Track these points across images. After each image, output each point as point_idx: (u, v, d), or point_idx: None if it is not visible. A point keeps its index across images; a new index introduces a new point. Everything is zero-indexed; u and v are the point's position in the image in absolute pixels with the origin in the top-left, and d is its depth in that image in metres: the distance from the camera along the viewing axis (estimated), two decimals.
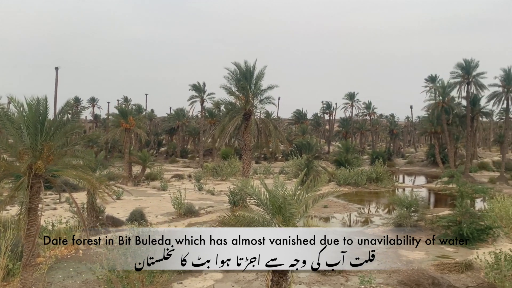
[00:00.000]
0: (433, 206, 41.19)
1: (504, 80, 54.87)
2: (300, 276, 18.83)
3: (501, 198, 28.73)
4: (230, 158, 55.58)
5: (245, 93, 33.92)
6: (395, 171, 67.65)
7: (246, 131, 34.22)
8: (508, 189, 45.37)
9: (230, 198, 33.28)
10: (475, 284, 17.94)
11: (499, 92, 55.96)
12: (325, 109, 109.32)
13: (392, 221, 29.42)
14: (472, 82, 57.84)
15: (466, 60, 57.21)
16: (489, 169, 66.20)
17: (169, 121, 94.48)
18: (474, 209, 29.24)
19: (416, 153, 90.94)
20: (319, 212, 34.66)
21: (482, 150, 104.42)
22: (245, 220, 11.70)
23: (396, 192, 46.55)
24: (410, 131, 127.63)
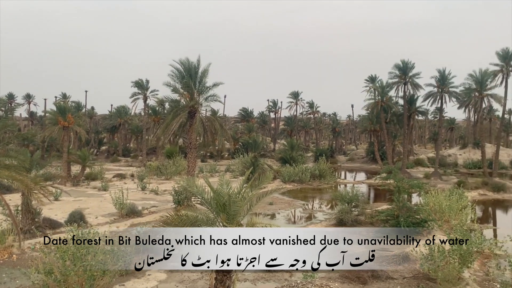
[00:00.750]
0: (372, 201, 42.85)
1: (439, 80, 58.05)
2: (246, 273, 18.89)
3: (435, 193, 30.34)
4: (174, 156, 54.70)
5: (189, 90, 33.49)
6: (337, 168, 69.69)
7: (191, 129, 33.80)
8: (441, 184, 48.06)
9: (175, 197, 32.77)
10: (412, 275, 18.83)
11: (434, 92, 59.13)
12: (271, 107, 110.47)
13: (334, 216, 30.29)
14: (409, 83, 60.76)
15: (403, 61, 60.01)
16: (425, 165, 69.91)
17: (111, 118, 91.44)
18: (410, 204, 30.70)
19: (357, 150, 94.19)
20: (265, 210, 34.97)
21: (418, 147, 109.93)
22: (188, 219, 11.52)
23: (338, 188, 47.94)
24: (351, 129, 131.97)
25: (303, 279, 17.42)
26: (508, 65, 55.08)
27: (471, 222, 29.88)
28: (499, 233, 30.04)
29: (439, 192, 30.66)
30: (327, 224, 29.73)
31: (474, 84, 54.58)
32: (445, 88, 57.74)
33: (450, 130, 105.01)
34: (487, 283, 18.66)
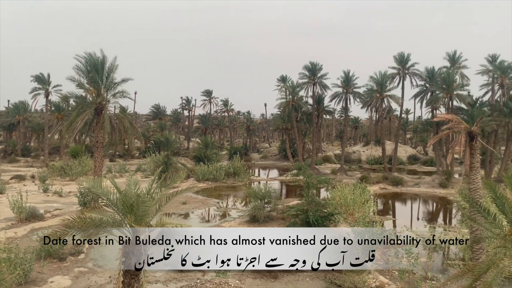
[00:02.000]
0: (284, 197, 44.09)
1: (344, 82, 61.43)
2: (157, 275, 18.39)
3: (341, 187, 32.02)
4: (80, 156, 51.66)
5: (96, 86, 31.78)
6: (251, 166, 70.75)
7: (98, 127, 32.11)
8: (347, 179, 50.87)
9: (80, 199, 30.95)
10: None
11: (340, 93, 62.45)
12: (184, 105, 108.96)
13: (248, 213, 30.65)
14: (317, 83, 63.52)
15: (312, 63, 62.55)
16: (332, 162, 73.57)
17: (7, 115, 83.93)
18: (319, 198, 32.06)
19: (270, 148, 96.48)
20: (178, 209, 34.38)
21: (326, 144, 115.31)
22: (93, 222, 10.88)
23: (252, 185, 48.65)
24: (265, 128, 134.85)
25: (216, 276, 17.37)
26: (404, 68, 59.85)
27: (373, 215, 32.01)
28: (397, 223, 32.52)
29: (345, 186, 32.39)
30: (240, 222, 29.99)
31: (375, 86, 58.52)
32: (350, 89, 61.30)
33: (354, 129, 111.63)
34: (387, 271, 20.08)
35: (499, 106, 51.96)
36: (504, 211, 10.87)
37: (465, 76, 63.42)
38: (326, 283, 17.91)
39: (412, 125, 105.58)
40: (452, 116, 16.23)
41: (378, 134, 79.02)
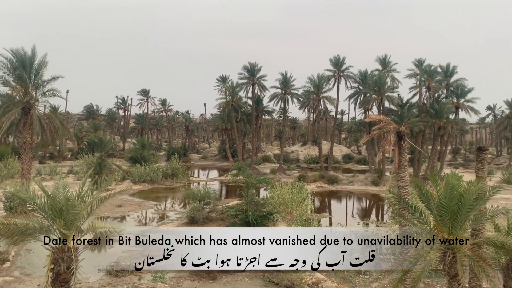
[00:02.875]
0: (224, 197, 44.03)
1: (282, 83, 62.47)
2: (90, 281, 17.64)
3: (279, 187, 32.52)
4: (6, 158, 48.41)
5: (23, 84, 29.89)
6: (190, 166, 69.97)
7: (26, 127, 30.23)
8: (285, 178, 51.77)
9: (6, 204, 29.00)
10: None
11: (278, 93, 63.42)
12: (120, 104, 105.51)
13: (186, 214, 30.27)
14: (256, 84, 64.10)
15: (251, 64, 63.03)
16: (271, 161, 74.58)
17: None
18: (258, 198, 32.32)
19: (209, 149, 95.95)
20: (113, 212, 33.24)
21: (266, 144, 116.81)
22: (18, 228, 10.20)
23: (191, 186, 48.13)
24: (204, 128, 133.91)
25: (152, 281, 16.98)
26: (339, 71, 61.95)
27: (310, 212, 32.83)
28: (333, 220, 33.58)
29: (283, 186, 32.94)
30: (178, 224, 29.54)
31: (312, 87, 60.08)
32: (288, 90, 62.46)
33: (293, 129, 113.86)
34: None
35: (426, 107, 55.22)
36: (430, 207, 11.53)
37: (395, 79, 66.77)
38: (264, 282, 18.08)
39: (347, 125, 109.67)
40: (382, 117, 17.00)
41: (315, 134, 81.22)
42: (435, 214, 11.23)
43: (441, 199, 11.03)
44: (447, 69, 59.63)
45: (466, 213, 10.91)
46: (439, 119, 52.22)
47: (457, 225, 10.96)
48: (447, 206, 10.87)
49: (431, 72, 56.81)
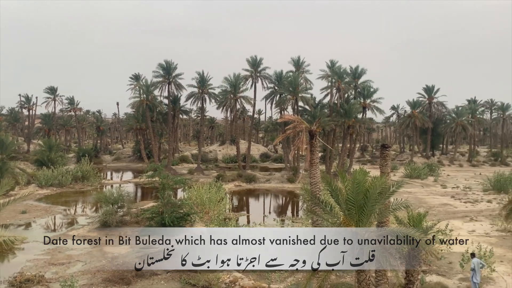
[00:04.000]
0: (140, 200, 42.69)
1: (199, 82, 62.00)
2: None
3: (197, 187, 32.21)
4: None
5: None
6: (102, 168, 66.87)
7: None
8: (203, 178, 51.48)
9: None
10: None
11: (195, 93, 62.83)
12: (23, 103, 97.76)
13: (98, 219, 28.88)
14: (173, 82, 62.95)
15: (167, 62, 61.71)
16: (189, 161, 73.71)
17: None
18: (175, 199, 31.77)
19: (123, 149, 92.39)
20: (16, 219, 30.75)
21: (183, 144, 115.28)
22: None
23: (103, 189, 45.96)
24: (118, 128, 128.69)
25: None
26: (256, 71, 62.93)
27: (228, 212, 32.98)
28: (251, 219, 34.00)
29: (201, 186, 32.69)
30: (90, 229, 28.07)
31: (230, 87, 60.38)
32: (205, 89, 62.17)
33: (211, 128, 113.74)
34: None
35: (337, 107, 58.06)
36: (339, 202, 12.11)
37: (309, 80, 69.36)
38: (181, 284, 17.80)
39: (264, 124, 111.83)
40: (294, 117, 17.53)
41: (233, 134, 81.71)
42: (343, 208, 11.80)
43: (349, 194, 11.62)
44: (355, 71, 63.17)
45: (371, 207, 11.60)
46: (348, 119, 55.21)
47: (363, 218, 11.62)
48: (354, 201, 11.49)
49: (341, 73, 59.80)
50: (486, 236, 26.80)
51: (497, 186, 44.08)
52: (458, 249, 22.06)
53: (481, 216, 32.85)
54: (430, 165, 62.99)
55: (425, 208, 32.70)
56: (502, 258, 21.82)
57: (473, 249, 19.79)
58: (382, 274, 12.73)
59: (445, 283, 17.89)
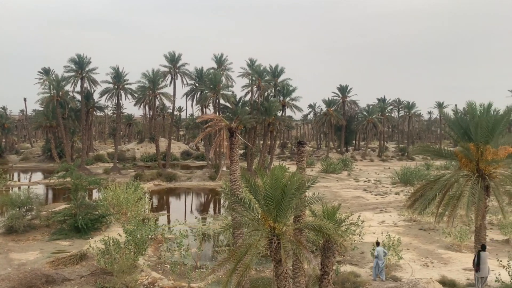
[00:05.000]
0: (51, 202, 40.07)
1: (115, 77, 59.40)
2: None
3: (113, 187, 30.91)
4: None
5: None
6: (8, 169, 61.76)
7: None
8: (120, 177, 49.58)
9: None
10: (89, 272, 18.50)
11: (110, 88, 60.10)
12: None
13: (3, 224, 26.62)
14: (86, 78, 59.64)
15: (79, 55, 58.31)
16: (105, 161, 70.48)
17: None
18: (90, 200, 30.27)
19: (32, 149, 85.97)
20: None
21: (99, 143, 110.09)
22: None
23: (9, 192, 42.42)
24: (25, 126, 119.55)
25: None
26: (175, 67, 61.77)
27: (147, 212, 32.06)
28: (171, 218, 33.36)
29: (118, 186, 31.43)
30: None
31: (148, 83, 58.60)
32: (121, 85, 59.72)
33: (128, 126, 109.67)
34: (160, 266, 20.35)
35: (257, 105, 58.89)
36: (258, 198, 12.24)
37: (230, 78, 69.56)
38: None
39: (185, 122, 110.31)
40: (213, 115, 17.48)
41: (152, 131, 79.60)
42: (262, 204, 11.96)
43: (267, 190, 11.80)
44: (275, 70, 64.43)
45: (289, 202, 11.87)
46: (268, 116, 56.26)
47: (281, 213, 11.85)
48: (272, 196, 11.68)
49: (261, 72, 60.72)
50: (395, 226, 28.78)
51: (403, 179, 47.57)
52: (370, 239, 23.47)
53: (390, 207, 35.21)
54: (344, 160, 66.25)
55: (339, 201, 34.32)
56: (408, 246, 23.57)
57: (383, 239, 21.13)
58: (299, 267, 13.12)
59: (358, 272, 18.91)
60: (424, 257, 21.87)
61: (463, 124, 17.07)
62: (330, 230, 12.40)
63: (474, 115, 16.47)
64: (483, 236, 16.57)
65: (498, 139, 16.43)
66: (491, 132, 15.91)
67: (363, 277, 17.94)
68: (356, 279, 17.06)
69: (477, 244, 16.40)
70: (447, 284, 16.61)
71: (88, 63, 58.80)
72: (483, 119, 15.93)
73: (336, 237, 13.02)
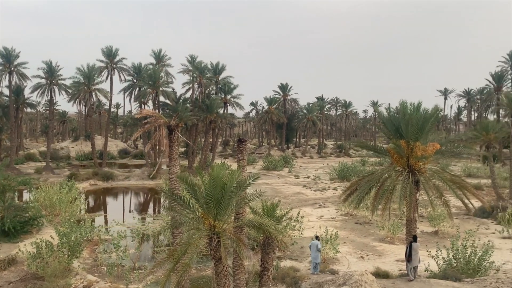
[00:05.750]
0: None
1: (47, 72, 56.28)
2: None
3: (45, 188, 29.34)
4: None
5: None
6: None
7: None
8: (54, 177, 47.13)
9: None
10: (19, 278, 17.45)
11: (43, 84, 56.90)
12: None
13: None
14: (15, 72, 56.08)
15: (6, 48, 54.67)
16: (36, 160, 66.72)
17: None
18: (20, 202, 28.53)
19: None
20: None
21: (30, 141, 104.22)
22: None
23: None
24: None
25: None
26: (112, 62, 59.72)
27: (82, 213, 30.73)
28: (108, 219, 32.20)
29: (50, 186, 29.90)
30: None
31: (83, 78, 56.20)
32: (54, 80, 56.75)
33: (62, 123, 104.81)
34: (96, 268, 19.57)
35: (199, 103, 58.34)
36: (197, 197, 12.08)
37: (170, 74, 68.35)
38: None
39: (122, 119, 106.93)
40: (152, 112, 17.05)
41: (88, 129, 76.52)
42: (201, 203, 11.83)
43: (206, 189, 11.67)
44: (216, 67, 64.17)
45: (229, 200, 11.83)
46: (210, 114, 55.92)
47: (221, 211, 11.78)
48: (212, 195, 11.57)
49: (202, 68, 60.22)
50: (332, 221, 29.68)
51: (341, 175, 49.20)
52: (309, 234, 24.01)
53: (328, 202, 36.26)
54: (285, 157, 67.41)
55: (280, 198, 34.85)
56: (345, 240, 24.39)
57: (321, 233, 21.69)
58: (240, 264, 13.12)
59: (297, 266, 19.29)
60: (360, 250, 22.73)
61: (395, 122, 17.86)
62: (270, 227, 12.51)
63: (405, 114, 17.29)
64: (414, 228, 17.45)
65: (427, 136, 17.34)
66: (421, 129, 16.77)
67: (302, 272, 18.31)
68: (296, 273, 17.38)
69: (408, 236, 17.25)
70: (381, 275, 17.35)
71: (17, 57, 55.34)
72: (413, 117, 16.76)
73: (276, 233, 13.17)
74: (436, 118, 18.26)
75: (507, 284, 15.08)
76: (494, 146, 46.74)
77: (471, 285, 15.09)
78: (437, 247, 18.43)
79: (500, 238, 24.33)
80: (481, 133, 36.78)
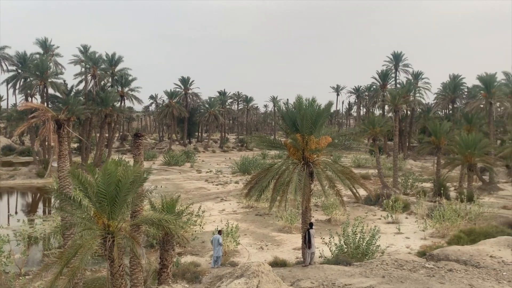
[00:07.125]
0: None
1: None
2: None
3: None
4: None
5: None
6: None
7: None
8: None
9: None
10: None
11: None
12: None
13: None
14: None
15: None
16: None
17: None
18: None
19: None
20: None
21: None
22: None
23: None
24: None
25: None
26: None
27: None
28: None
29: None
30: None
31: None
32: None
33: None
34: None
35: (93, 95, 55.13)
36: (89, 195, 11.39)
37: (60, 64, 63.67)
38: None
39: (6, 113, 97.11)
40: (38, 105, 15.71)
41: None
42: (94, 201, 11.19)
43: (99, 186, 11.06)
44: (112, 58, 61.20)
45: (124, 197, 11.34)
46: (105, 107, 53.18)
47: (116, 209, 11.26)
48: (106, 193, 11.00)
49: (96, 59, 56.98)
50: (234, 214, 30.08)
51: (242, 168, 50.03)
52: (211, 228, 24.04)
53: (230, 196, 36.65)
54: (187, 152, 66.72)
55: (182, 193, 34.40)
56: (246, 232, 24.85)
57: (222, 226, 21.85)
58: (137, 263, 12.67)
59: (198, 261, 19.21)
60: (260, 241, 23.34)
61: (292, 116, 18.55)
62: (170, 223, 12.26)
63: (301, 109, 18.02)
64: (309, 217, 18.34)
65: (320, 130, 18.28)
66: (314, 123, 17.62)
67: (203, 266, 18.28)
68: (196, 268, 17.29)
69: (304, 225, 18.08)
70: (279, 264, 17.96)
71: None
72: (308, 112, 17.53)
73: (176, 229, 12.94)
74: (329, 113, 19.32)
75: (390, 265, 16.52)
76: (379, 139, 50.95)
77: (359, 268, 16.27)
78: (330, 234, 19.57)
79: (385, 223, 26.62)
80: (369, 127, 39.89)
